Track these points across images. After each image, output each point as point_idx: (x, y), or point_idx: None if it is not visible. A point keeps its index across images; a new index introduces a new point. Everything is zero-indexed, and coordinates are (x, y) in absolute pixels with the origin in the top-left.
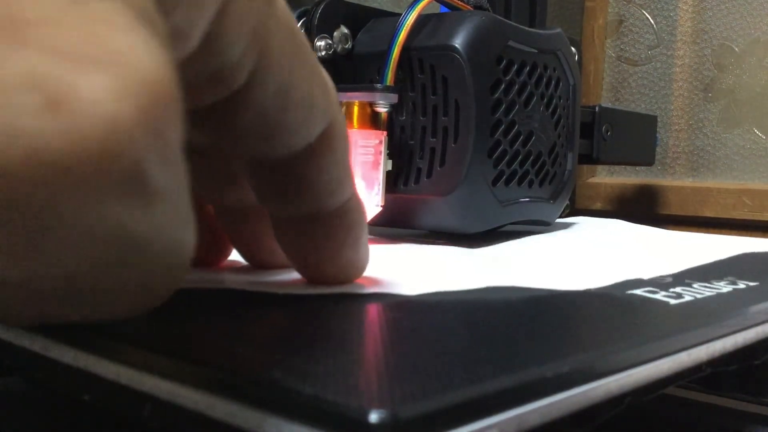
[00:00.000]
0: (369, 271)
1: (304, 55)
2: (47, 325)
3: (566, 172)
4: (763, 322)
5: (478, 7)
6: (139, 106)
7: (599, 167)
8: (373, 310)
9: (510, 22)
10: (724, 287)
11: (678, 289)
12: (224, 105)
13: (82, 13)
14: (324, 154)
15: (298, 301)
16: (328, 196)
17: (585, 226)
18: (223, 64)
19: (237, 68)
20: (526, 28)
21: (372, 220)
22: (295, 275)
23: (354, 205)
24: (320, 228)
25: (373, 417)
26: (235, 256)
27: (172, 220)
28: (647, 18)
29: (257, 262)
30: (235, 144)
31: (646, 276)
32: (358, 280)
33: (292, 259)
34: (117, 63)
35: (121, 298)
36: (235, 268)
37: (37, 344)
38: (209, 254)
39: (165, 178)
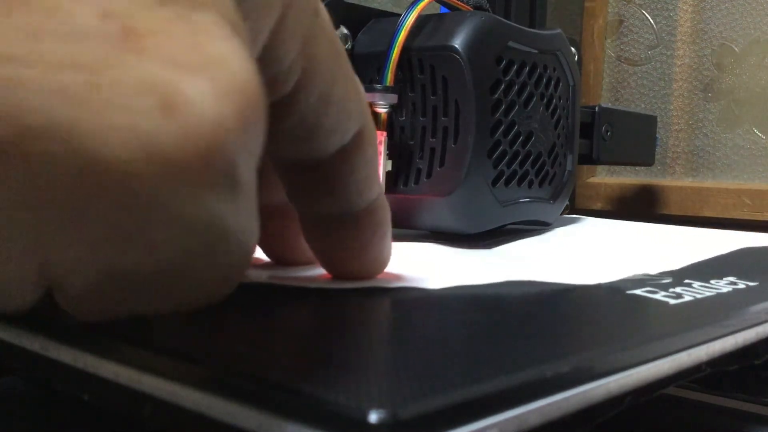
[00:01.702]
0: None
1: (343, 62)
2: (116, 318)
3: (566, 172)
4: (763, 322)
5: (478, 8)
6: (236, 107)
7: (599, 167)
8: (379, 308)
9: (510, 22)
10: (724, 287)
11: (678, 289)
12: (272, 110)
13: (186, 25)
14: (356, 155)
15: (299, 301)
16: (357, 195)
17: (585, 225)
18: (276, 73)
19: (287, 76)
20: (526, 29)
21: None
22: (317, 271)
23: (381, 203)
24: (348, 226)
25: (373, 417)
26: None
27: (250, 211)
28: (647, 18)
29: (281, 260)
30: (276, 147)
31: (650, 271)
32: (381, 275)
33: (319, 257)
34: (218, 69)
35: (204, 286)
36: (258, 264)
37: (37, 344)
38: None
39: (248, 172)
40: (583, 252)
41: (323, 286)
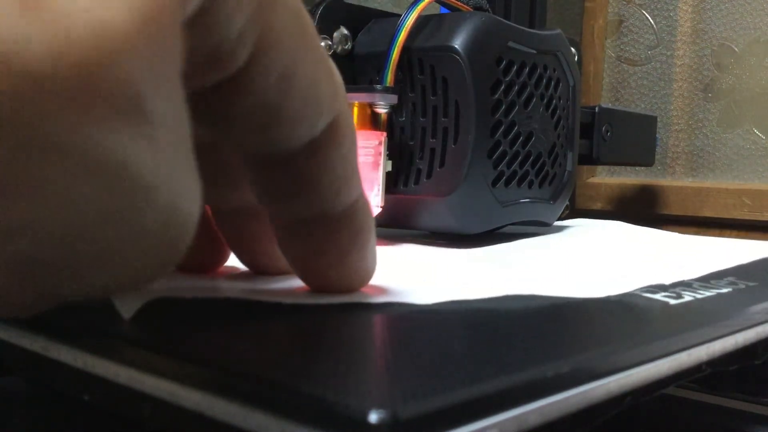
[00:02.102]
0: (375, 277)
1: (309, 39)
2: (46, 308)
3: (566, 172)
4: (763, 322)
5: (477, 8)
6: (133, 16)
7: (599, 167)
8: (377, 316)
9: (510, 22)
10: (724, 287)
11: (678, 289)
12: (223, 89)
13: None
14: (329, 149)
15: (300, 301)
16: (333, 196)
17: (588, 228)
18: (221, 41)
19: (236, 46)
20: (526, 29)
21: None
22: (297, 283)
23: (361, 206)
24: (324, 232)
25: (374, 417)
26: (233, 261)
27: (175, 162)
28: (647, 18)
29: (257, 267)
30: (234, 135)
31: (665, 282)
32: (365, 289)
33: (294, 266)
34: None
35: (127, 260)
36: (233, 274)
37: (37, 344)
38: (206, 258)
39: (163, 106)
40: (592, 262)
41: (299, 301)
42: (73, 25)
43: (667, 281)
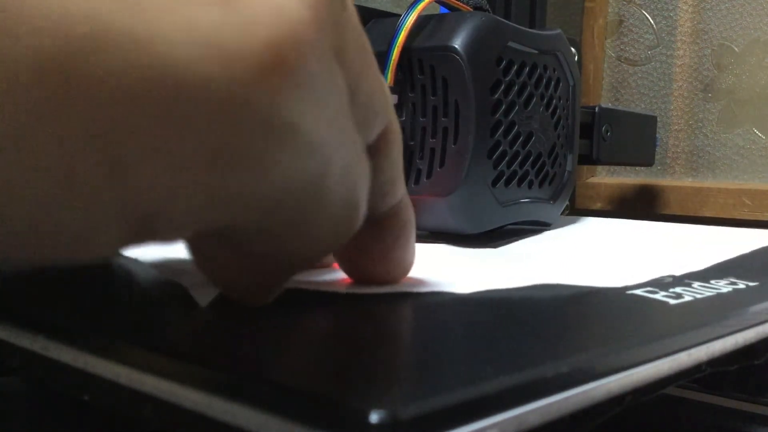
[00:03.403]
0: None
1: (369, 55)
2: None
3: (566, 172)
4: (763, 322)
5: (477, 8)
6: (305, 3)
7: (599, 167)
8: (378, 309)
9: (510, 22)
10: (724, 287)
11: (678, 289)
12: None
13: None
14: (381, 155)
15: (299, 301)
16: (381, 197)
17: (590, 226)
18: None
19: None
20: (526, 29)
21: None
22: (337, 275)
23: (405, 205)
24: (371, 231)
25: (374, 417)
26: None
27: (343, 132)
28: (647, 18)
29: None
30: None
31: (675, 273)
32: (405, 280)
33: (340, 261)
34: None
35: (318, 229)
36: None
37: (37, 344)
38: None
39: (327, 79)
40: (602, 254)
41: (342, 290)
42: (259, 12)
43: (677, 272)
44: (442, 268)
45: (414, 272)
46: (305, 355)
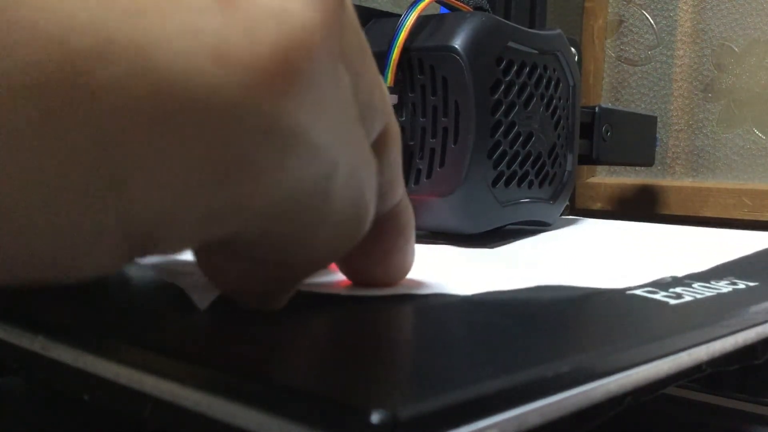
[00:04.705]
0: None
1: (368, 56)
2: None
3: (566, 172)
4: (763, 322)
5: (478, 8)
6: (310, 7)
7: (599, 167)
8: (380, 309)
9: (510, 22)
10: (724, 287)
11: (678, 289)
12: None
13: None
14: (380, 155)
15: (298, 301)
16: (380, 199)
17: (590, 227)
18: None
19: None
20: (526, 29)
21: None
22: (336, 276)
23: (404, 207)
24: (371, 231)
25: (374, 417)
26: None
27: (349, 136)
28: (647, 18)
29: None
30: None
31: (678, 274)
32: (404, 282)
33: (339, 262)
34: None
35: (322, 236)
36: None
37: (37, 344)
38: None
39: (332, 82)
40: (603, 255)
41: (343, 293)
42: (263, 17)
43: (679, 273)
44: (442, 269)
45: (414, 273)
46: (305, 355)
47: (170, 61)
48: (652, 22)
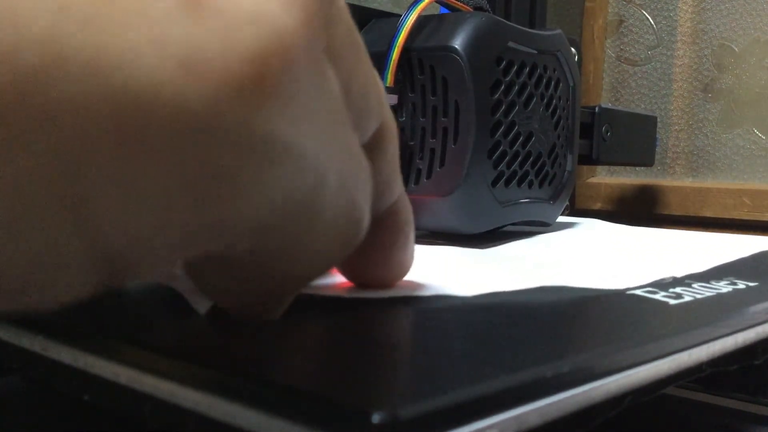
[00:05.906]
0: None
1: (362, 53)
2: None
3: (566, 172)
4: (763, 322)
5: (478, 8)
6: (290, 12)
7: (599, 167)
8: (381, 309)
9: (510, 23)
10: (723, 287)
11: (678, 289)
12: None
13: None
14: (376, 154)
15: (298, 301)
16: (377, 197)
17: (590, 227)
18: None
19: None
20: (526, 29)
21: None
22: (335, 278)
23: (402, 205)
24: (369, 232)
25: (375, 417)
26: None
27: (338, 145)
28: (647, 18)
29: None
30: None
31: (678, 274)
32: (403, 283)
33: (339, 265)
34: None
35: (311, 249)
36: None
37: (37, 344)
38: None
39: (315, 89)
40: (602, 256)
41: (343, 295)
42: (235, 23)
43: (679, 273)
44: (442, 270)
45: (414, 274)
46: (306, 355)
47: (133, 75)
48: (652, 22)
